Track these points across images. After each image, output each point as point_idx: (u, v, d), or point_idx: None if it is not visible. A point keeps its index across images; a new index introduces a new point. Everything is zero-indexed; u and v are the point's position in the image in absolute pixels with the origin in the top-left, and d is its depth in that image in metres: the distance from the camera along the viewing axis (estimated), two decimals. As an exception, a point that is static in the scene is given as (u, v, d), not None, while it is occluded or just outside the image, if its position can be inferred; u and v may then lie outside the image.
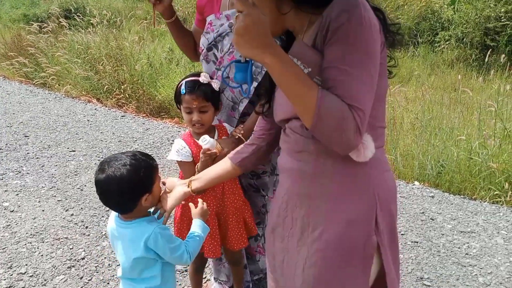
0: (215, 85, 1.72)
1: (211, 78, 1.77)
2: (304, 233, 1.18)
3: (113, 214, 1.46)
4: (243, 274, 2.11)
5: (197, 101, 1.65)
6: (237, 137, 1.72)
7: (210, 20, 1.82)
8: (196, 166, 1.68)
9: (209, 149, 1.60)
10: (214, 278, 2.23)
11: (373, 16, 1.02)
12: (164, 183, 1.50)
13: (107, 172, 1.31)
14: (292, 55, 1.08)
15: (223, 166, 1.45)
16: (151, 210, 1.48)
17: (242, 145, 1.45)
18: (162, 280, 1.44)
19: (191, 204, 1.55)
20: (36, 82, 6.01)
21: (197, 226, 1.52)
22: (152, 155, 3.97)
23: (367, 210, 1.11)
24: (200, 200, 1.54)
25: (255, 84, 1.70)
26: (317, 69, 1.04)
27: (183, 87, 1.66)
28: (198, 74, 1.73)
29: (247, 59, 1.07)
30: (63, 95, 5.59)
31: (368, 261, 1.12)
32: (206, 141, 1.59)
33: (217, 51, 1.81)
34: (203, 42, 1.83)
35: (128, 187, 1.32)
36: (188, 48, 2.01)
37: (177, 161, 1.73)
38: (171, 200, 1.44)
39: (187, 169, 1.71)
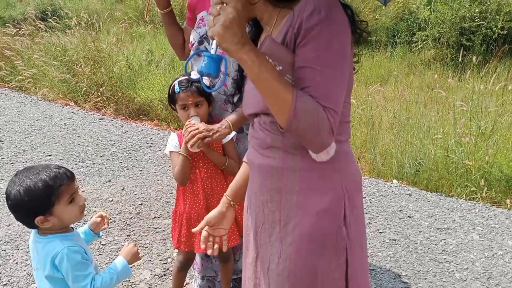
0: (206, 81, 1.80)
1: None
2: (276, 228, 1.18)
3: None
4: (232, 272, 2.11)
5: (192, 97, 1.74)
6: (225, 126, 1.74)
7: (202, 16, 1.88)
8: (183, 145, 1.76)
9: (191, 119, 1.72)
10: (202, 277, 2.21)
11: (343, 14, 1.03)
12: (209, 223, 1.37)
13: (7, 186, 1.33)
14: (264, 54, 1.07)
15: (245, 170, 1.40)
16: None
17: None
18: None
19: (125, 246, 1.51)
20: (12, 85, 5.88)
21: (118, 263, 1.43)
22: (131, 159, 3.93)
23: (336, 202, 1.13)
24: (132, 244, 1.50)
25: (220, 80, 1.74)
26: (288, 67, 1.04)
27: (176, 86, 1.76)
28: (188, 74, 1.82)
29: (218, 53, 1.03)
30: (40, 99, 5.48)
31: (341, 253, 1.13)
32: (194, 116, 1.74)
33: (209, 44, 1.85)
34: (194, 36, 1.89)
35: (15, 206, 1.31)
36: (177, 44, 2.06)
37: (170, 152, 1.84)
38: (226, 225, 1.38)
39: (175, 157, 1.81)
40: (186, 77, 1.79)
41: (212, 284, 2.20)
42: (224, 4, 0.94)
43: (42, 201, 1.31)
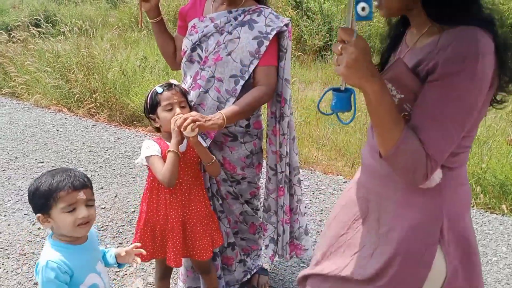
0: (184, 87, 1.81)
1: (194, 79, 1.83)
2: (374, 225, 1.25)
3: None
4: (217, 283, 2.08)
5: (177, 95, 1.72)
6: (218, 116, 1.67)
7: (194, 24, 1.87)
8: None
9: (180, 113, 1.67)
10: (188, 287, 2.20)
11: (488, 64, 0.97)
12: None
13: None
14: (387, 78, 1.08)
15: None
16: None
17: None
18: None
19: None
20: (4, 92, 5.84)
21: None
22: (124, 166, 3.89)
23: (431, 222, 1.14)
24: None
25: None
26: (410, 97, 1.04)
27: (158, 88, 1.73)
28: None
29: (346, 87, 1.03)
30: (32, 105, 5.44)
31: (425, 269, 1.15)
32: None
33: (202, 51, 1.84)
34: (187, 43, 1.87)
35: (28, 200, 1.41)
36: (168, 53, 2.04)
37: (147, 158, 1.72)
38: None
39: (157, 161, 1.70)
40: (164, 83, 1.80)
41: None
42: (346, 42, 0.94)
43: (41, 201, 1.34)
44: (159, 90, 1.72)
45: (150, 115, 1.78)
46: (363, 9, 0.91)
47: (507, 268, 2.54)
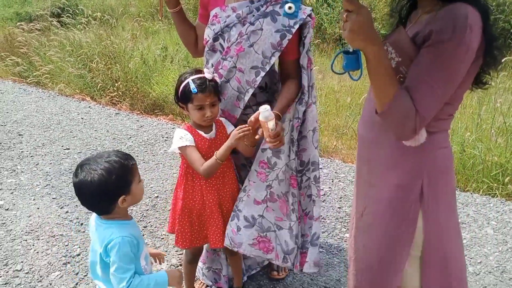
0: (218, 79, 1.81)
1: (216, 68, 1.84)
2: (365, 187, 1.44)
3: None
4: (241, 264, 2.14)
5: (209, 98, 1.72)
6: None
7: (216, 13, 1.86)
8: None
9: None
10: (208, 268, 2.25)
11: (475, 37, 1.11)
12: None
13: (80, 176, 1.36)
14: (389, 42, 1.26)
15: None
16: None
17: None
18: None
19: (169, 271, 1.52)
20: (29, 81, 5.99)
21: (160, 276, 1.45)
22: (147, 153, 3.97)
23: (412, 180, 1.28)
24: (180, 272, 1.54)
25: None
26: (407, 61, 1.19)
27: (193, 86, 1.70)
28: (200, 71, 1.77)
29: (355, 49, 1.17)
30: (57, 94, 5.58)
31: (412, 224, 1.29)
32: (267, 110, 1.56)
33: (224, 41, 1.85)
34: (209, 33, 1.87)
35: (99, 191, 1.34)
36: (189, 41, 2.07)
37: (180, 147, 1.76)
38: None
39: (193, 152, 1.74)
40: (199, 75, 1.74)
41: (218, 277, 2.24)
42: (350, 11, 1.07)
43: (124, 180, 1.38)
44: (194, 89, 1.69)
45: (180, 102, 1.80)
46: (289, 8, 1.02)
47: (527, 257, 2.54)
